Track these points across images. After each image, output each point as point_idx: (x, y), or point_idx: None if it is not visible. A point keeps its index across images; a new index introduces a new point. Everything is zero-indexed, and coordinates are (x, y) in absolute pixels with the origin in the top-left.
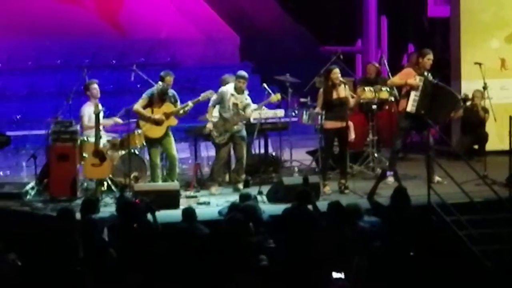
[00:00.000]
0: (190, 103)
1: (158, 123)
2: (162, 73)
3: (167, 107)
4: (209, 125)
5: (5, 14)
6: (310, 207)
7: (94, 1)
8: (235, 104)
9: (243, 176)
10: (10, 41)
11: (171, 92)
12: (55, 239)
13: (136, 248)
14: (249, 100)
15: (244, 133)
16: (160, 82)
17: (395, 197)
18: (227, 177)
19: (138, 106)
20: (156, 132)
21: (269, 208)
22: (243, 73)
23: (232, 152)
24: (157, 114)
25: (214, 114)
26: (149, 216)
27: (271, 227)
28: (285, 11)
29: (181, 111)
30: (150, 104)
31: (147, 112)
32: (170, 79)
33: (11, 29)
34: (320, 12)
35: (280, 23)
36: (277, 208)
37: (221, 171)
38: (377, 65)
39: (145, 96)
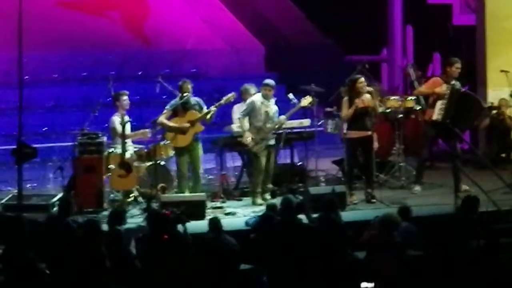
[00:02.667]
0: (213, 108)
1: (183, 131)
2: (179, 83)
3: (191, 115)
4: (248, 135)
5: (31, 26)
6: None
7: (120, 12)
8: (266, 112)
9: (270, 186)
10: (36, 54)
11: (195, 99)
12: (82, 250)
13: (166, 259)
14: (276, 108)
15: (273, 141)
16: (179, 92)
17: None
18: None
19: (162, 118)
20: (182, 140)
21: None
22: (269, 81)
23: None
24: (182, 123)
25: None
26: (180, 227)
27: None
28: (310, 21)
29: (207, 117)
30: (174, 115)
31: (171, 122)
32: (188, 87)
33: (37, 42)
34: (345, 22)
35: (305, 33)
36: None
37: (260, 181)
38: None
39: (168, 107)
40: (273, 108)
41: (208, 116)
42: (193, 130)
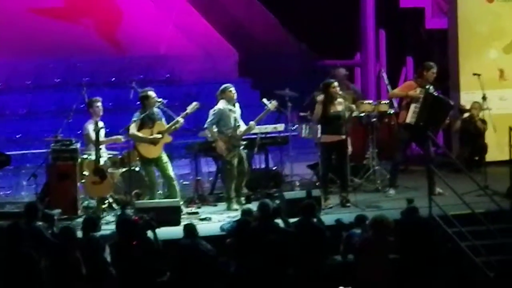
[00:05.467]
0: (179, 119)
1: (154, 142)
2: (142, 94)
3: (160, 125)
4: (221, 144)
5: (3, 33)
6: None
7: (92, 18)
8: (235, 118)
9: (245, 190)
10: (9, 60)
11: (156, 110)
12: (56, 257)
13: (136, 265)
14: (239, 110)
15: (243, 147)
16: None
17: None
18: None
19: (133, 130)
20: (153, 151)
21: None
22: (228, 84)
23: None
24: (153, 134)
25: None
26: (150, 233)
27: None
28: (283, 26)
29: (173, 128)
30: (142, 126)
31: (142, 134)
32: (153, 94)
33: (9, 48)
34: (318, 27)
35: (279, 38)
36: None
37: (233, 187)
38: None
39: (135, 119)
40: (238, 111)
41: (177, 126)
42: (163, 141)
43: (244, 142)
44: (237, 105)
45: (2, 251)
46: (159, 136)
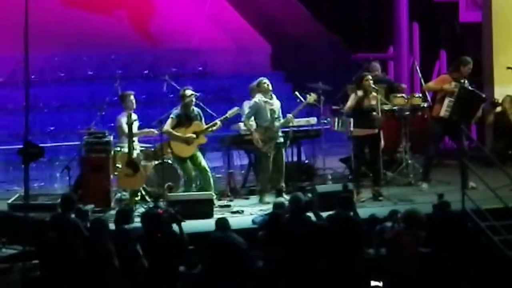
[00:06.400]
0: (218, 122)
1: (188, 142)
2: (180, 92)
3: (196, 126)
4: (256, 135)
5: (37, 26)
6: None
7: (126, 11)
8: (272, 110)
9: (283, 185)
10: (42, 53)
11: (196, 110)
12: (88, 248)
13: (161, 257)
14: (279, 102)
15: (282, 139)
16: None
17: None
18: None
19: (167, 127)
20: (186, 151)
21: None
22: (262, 77)
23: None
24: (187, 134)
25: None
26: (175, 226)
27: None
28: (316, 19)
29: (210, 130)
30: (178, 124)
31: (177, 132)
32: (189, 93)
33: (43, 41)
34: (351, 20)
35: (311, 31)
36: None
37: (268, 179)
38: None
39: (173, 116)
40: (277, 104)
41: (214, 129)
42: (197, 142)
43: (282, 135)
44: (274, 97)
45: (46, 240)
46: (193, 136)
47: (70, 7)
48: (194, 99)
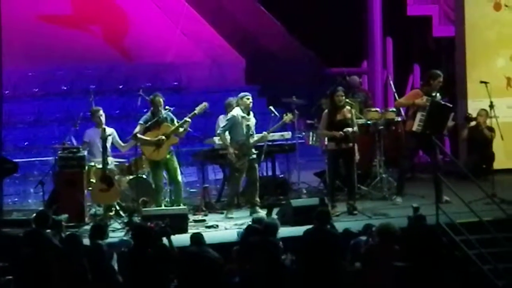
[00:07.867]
0: (187, 119)
1: (159, 145)
2: (150, 97)
3: (166, 127)
4: (231, 150)
5: (11, 41)
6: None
7: (100, 26)
8: (248, 126)
9: (258, 199)
10: (16, 68)
11: (165, 113)
12: (62, 264)
13: (151, 273)
14: (254, 120)
15: (255, 155)
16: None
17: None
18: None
19: (137, 131)
20: (158, 154)
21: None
22: (244, 93)
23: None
24: (157, 136)
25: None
26: (164, 240)
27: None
28: (290, 33)
29: (180, 129)
30: (147, 129)
31: (146, 137)
32: (159, 100)
33: (17, 56)
34: (326, 34)
35: (286, 45)
36: (287, 231)
37: (236, 195)
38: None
39: (141, 122)
40: (253, 121)
41: (184, 127)
42: (168, 143)
43: (256, 151)
44: (252, 114)
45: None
46: (163, 137)
47: (44, 22)
48: (162, 102)
